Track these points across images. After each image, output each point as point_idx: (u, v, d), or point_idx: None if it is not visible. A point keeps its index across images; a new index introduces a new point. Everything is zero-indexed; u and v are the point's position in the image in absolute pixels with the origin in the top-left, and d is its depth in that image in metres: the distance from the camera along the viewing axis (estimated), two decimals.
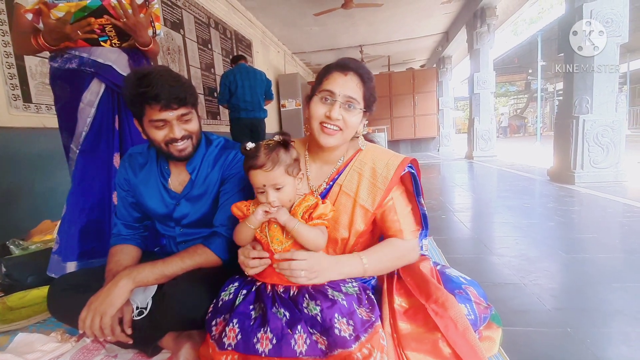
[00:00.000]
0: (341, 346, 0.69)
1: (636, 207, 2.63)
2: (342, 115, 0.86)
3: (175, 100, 0.92)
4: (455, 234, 2.33)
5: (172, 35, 4.02)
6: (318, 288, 0.79)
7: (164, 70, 0.94)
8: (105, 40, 1.29)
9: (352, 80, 0.86)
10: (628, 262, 1.67)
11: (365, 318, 0.74)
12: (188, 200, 1.06)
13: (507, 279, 1.54)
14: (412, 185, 0.94)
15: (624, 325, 1.14)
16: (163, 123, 0.94)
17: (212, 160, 1.07)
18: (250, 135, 4.15)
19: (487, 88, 6.73)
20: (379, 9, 5.97)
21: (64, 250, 1.35)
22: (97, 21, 1.21)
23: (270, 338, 0.71)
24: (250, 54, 6.39)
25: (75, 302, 0.90)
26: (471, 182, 4.64)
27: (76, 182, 1.36)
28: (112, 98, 1.36)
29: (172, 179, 1.07)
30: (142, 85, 0.89)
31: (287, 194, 0.82)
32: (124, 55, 1.35)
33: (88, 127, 1.35)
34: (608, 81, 3.53)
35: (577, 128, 3.59)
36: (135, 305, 0.93)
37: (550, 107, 19.89)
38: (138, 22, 1.24)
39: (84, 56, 1.30)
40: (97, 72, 1.31)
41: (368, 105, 0.90)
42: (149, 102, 0.90)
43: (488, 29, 6.39)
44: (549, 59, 14.59)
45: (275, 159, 0.79)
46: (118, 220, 1.12)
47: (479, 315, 0.82)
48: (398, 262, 0.92)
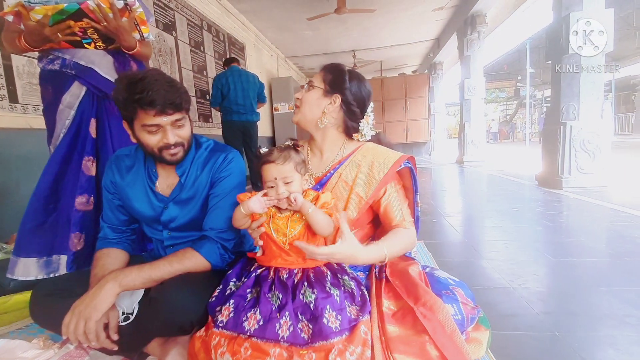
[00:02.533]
0: (324, 338, 0.72)
1: (621, 211, 2.69)
2: (302, 95, 1.05)
3: (170, 105, 0.90)
4: (446, 237, 2.35)
5: (164, 37, 3.99)
6: (318, 277, 0.85)
7: (158, 75, 0.92)
8: (89, 42, 1.28)
9: (319, 74, 1.07)
10: (614, 266, 1.70)
11: (353, 317, 0.77)
12: (176, 203, 1.04)
13: (496, 283, 1.55)
14: (410, 181, 1.02)
15: (611, 329, 1.16)
16: (156, 128, 0.92)
17: (202, 162, 1.05)
18: (242, 138, 4.13)
19: (478, 94, 6.82)
20: (371, 15, 6.03)
21: (17, 245, 1.34)
22: (77, 24, 1.19)
23: (258, 319, 0.77)
24: (243, 57, 6.39)
25: (58, 307, 0.87)
26: (462, 187, 4.69)
27: (43, 181, 1.34)
28: (92, 101, 1.33)
29: (160, 182, 1.06)
30: (137, 90, 0.87)
31: (295, 188, 0.90)
32: (109, 58, 1.34)
33: (66, 129, 1.33)
34: (594, 89, 3.62)
35: (565, 134, 3.67)
36: (121, 310, 0.91)
37: (539, 113, 20.29)
38: (120, 26, 1.22)
39: (66, 58, 1.29)
40: (77, 74, 1.29)
41: (332, 86, 1.02)
42: (144, 108, 0.88)
43: (478, 36, 6.50)
44: (537, 66, 14.91)
45: (287, 155, 0.90)
46: (104, 224, 1.09)
47: (466, 315, 0.83)
48: (406, 248, 0.99)
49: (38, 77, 1.37)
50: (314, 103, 1.03)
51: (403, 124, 9.82)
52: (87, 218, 1.34)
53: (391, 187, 0.99)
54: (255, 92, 4.11)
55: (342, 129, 1.06)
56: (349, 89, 1.02)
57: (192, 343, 0.84)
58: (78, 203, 1.31)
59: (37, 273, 1.34)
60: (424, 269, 0.97)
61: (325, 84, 1.03)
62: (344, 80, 1.02)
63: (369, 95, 1.06)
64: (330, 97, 1.02)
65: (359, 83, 1.04)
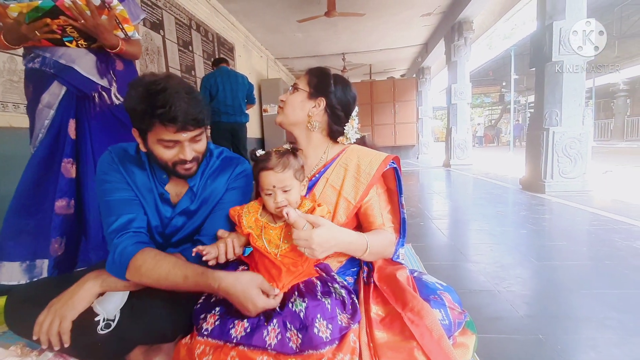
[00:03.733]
0: (314, 348, 0.71)
1: (602, 215, 2.77)
2: (286, 97, 1.05)
3: (192, 122, 0.84)
4: (433, 241, 2.37)
5: (152, 35, 3.93)
6: (309, 287, 0.83)
7: (178, 84, 0.84)
8: (70, 40, 1.24)
9: (304, 77, 1.07)
10: (595, 270, 1.75)
11: (344, 325, 0.76)
12: (184, 213, 1.00)
13: (482, 286, 1.57)
14: (394, 183, 1.01)
15: (592, 331, 1.19)
16: (174, 144, 0.86)
17: (215, 171, 1.01)
18: (230, 140, 4.09)
19: (464, 99, 6.96)
20: (361, 19, 6.08)
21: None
22: (54, 22, 1.15)
23: (245, 327, 0.75)
24: (233, 57, 6.33)
25: (34, 314, 0.83)
26: (448, 190, 4.76)
27: (22, 183, 1.30)
28: (72, 102, 1.29)
29: (169, 189, 0.99)
30: (158, 104, 0.79)
31: (293, 197, 0.88)
32: (91, 57, 1.29)
33: (45, 129, 1.28)
34: (575, 95, 3.73)
35: (547, 139, 3.76)
36: (102, 316, 0.88)
37: (522, 118, 20.81)
38: (98, 24, 1.18)
39: (46, 56, 1.25)
40: (56, 73, 1.26)
41: (316, 90, 1.02)
42: (164, 123, 0.81)
43: (465, 42, 6.63)
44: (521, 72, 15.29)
45: (286, 162, 0.87)
46: (133, 218, 0.91)
47: (453, 320, 0.83)
48: (385, 251, 0.98)
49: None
50: (298, 106, 1.03)
51: (392, 127, 9.91)
52: (68, 222, 1.30)
53: (373, 190, 0.98)
54: (245, 93, 4.08)
55: (327, 132, 1.05)
56: (334, 92, 1.02)
57: (177, 350, 0.81)
58: (58, 207, 1.27)
59: (21, 277, 1.29)
60: (412, 273, 0.97)
61: (310, 87, 1.03)
62: (329, 84, 1.02)
63: (354, 99, 1.06)
64: (315, 100, 1.02)
65: (344, 87, 1.04)
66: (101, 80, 1.31)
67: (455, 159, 7.10)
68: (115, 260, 0.84)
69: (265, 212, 0.92)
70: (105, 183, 0.94)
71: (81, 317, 0.83)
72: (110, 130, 1.34)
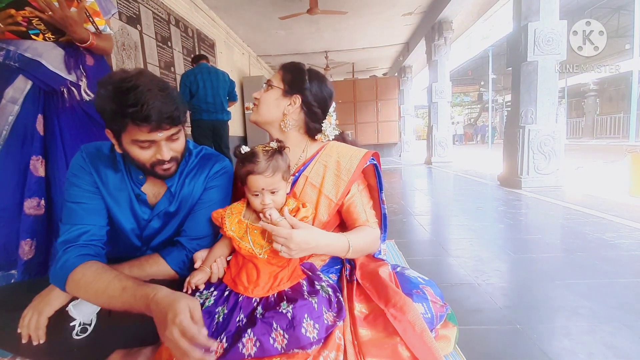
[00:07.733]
0: (301, 347, 0.70)
1: (574, 209, 2.89)
2: (260, 95, 1.02)
3: (167, 120, 0.79)
4: (415, 236, 2.41)
5: (128, 30, 3.80)
6: (295, 288, 0.83)
7: (150, 81, 0.79)
8: (37, 33, 1.18)
9: (277, 73, 1.04)
10: (567, 261, 1.82)
11: (330, 323, 0.75)
12: (163, 215, 0.96)
13: (462, 279, 1.61)
14: (374, 179, 1.01)
15: (565, 320, 1.24)
16: (149, 144, 0.82)
17: (193, 171, 0.98)
18: (212, 138, 4.01)
19: (444, 98, 7.10)
20: (343, 17, 6.09)
21: None
22: (19, 13, 1.10)
23: (225, 346, 0.72)
24: (214, 54, 6.22)
25: (1, 321, 0.80)
26: (430, 187, 4.85)
27: None
28: (39, 97, 1.23)
29: (146, 189, 0.95)
30: (129, 103, 0.74)
31: (280, 197, 0.88)
32: (59, 51, 1.23)
33: (10, 126, 1.22)
34: (549, 95, 3.87)
35: (523, 137, 3.89)
36: (78, 321, 0.84)
37: (500, 117, 21.45)
38: (66, 16, 1.12)
39: (10, 49, 1.18)
40: (22, 67, 1.19)
41: (291, 86, 0.99)
42: (137, 123, 0.77)
43: (445, 41, 6.76)
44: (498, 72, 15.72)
45: (276, 165, 0.85)
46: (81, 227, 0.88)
47: (435, 313, 0.85)
48: (371, 247, 0.97)
49: None
50: (273, 104, 1.00)
51: (374, 125, 10.00)
52: (38, 223, 1.24)
53: (354, 187, 0.97)
54: (226, 90, 4.00)
55: (304, 130, 1.03)
56: (309, 89, 0.99)
57: (159, 354, 0.79)
58: (27, 207, 1.21)
59: None
60: (394, 268, 0.98)
61: (284, 84, 0.99)
62: (304, 80, 0.99)
63: (330, 95, 1.03)
64: (290, 97, 0.99)
65: (320, 83, 1.01)
66: (69, 75, 1.25)
67: (437, 156, 7.24)
68: (57, 272, 0.82)
69: (250, 212, 0.91)
70: (73, 186, 0.91)
71: (56, 322, 0.81)
72: (81, 126, 1.29)
